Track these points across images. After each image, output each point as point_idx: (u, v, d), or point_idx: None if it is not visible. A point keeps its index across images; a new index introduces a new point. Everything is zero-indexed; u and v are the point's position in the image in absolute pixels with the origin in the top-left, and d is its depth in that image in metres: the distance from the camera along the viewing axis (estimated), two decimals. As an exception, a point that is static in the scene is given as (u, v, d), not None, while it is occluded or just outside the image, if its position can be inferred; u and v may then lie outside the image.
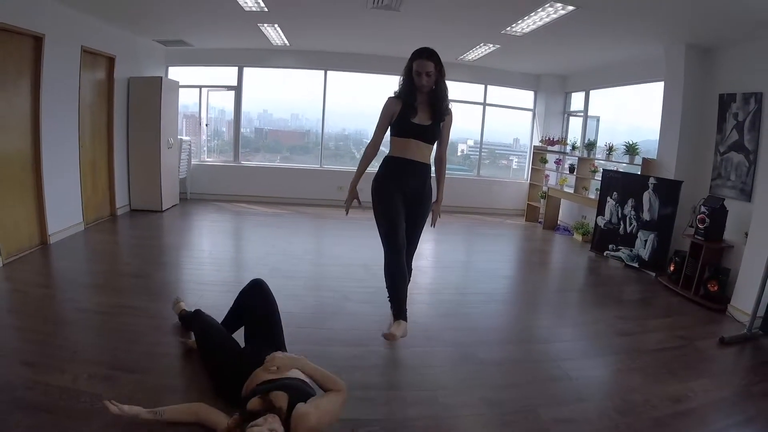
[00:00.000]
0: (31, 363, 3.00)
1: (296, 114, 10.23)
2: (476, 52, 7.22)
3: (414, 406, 2.68)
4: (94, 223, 6.57)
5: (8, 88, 4.84)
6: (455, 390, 2.89)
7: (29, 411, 2.50)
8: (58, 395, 2.65)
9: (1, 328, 3.61)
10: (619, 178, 6.11)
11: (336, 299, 4.18)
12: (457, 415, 2.63)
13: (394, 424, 2.53)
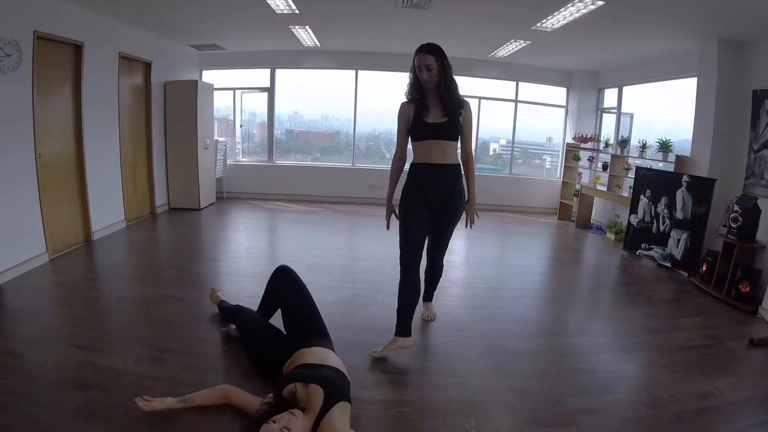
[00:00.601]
0: (82, 347, 3.21)
1: (326, 115, 10.37)
2: (507, 49, 7.22)
3: (444, 391, 2.80)
4: (135, 221, 6.84)
5: (52, 94, 5.09)
6: (484, 378, 2.98)
7: (81, 389, 2.68)
8: (108, 375, 2.85)
9: (52, 316, 3.85)
10: (652, 176, 6.04)
11: (369, 291, 4.31)
12: (486, 400, 2.73)
13: (424, 405, 2.65)
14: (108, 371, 2.88)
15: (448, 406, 2.65)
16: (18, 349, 3.17)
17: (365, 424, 2.32)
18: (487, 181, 8.92)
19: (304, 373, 2.43)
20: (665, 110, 7.34)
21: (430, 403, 2.67)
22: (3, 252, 4.35)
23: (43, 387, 2.71)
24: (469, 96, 8.57)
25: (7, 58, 4.24)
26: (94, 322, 3.73)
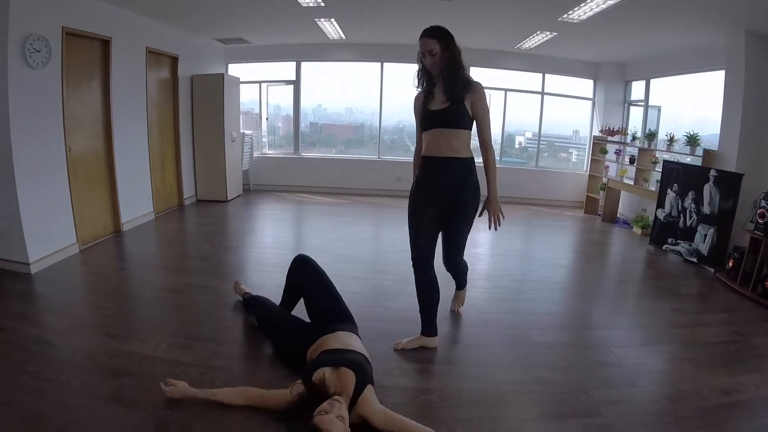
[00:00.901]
0: (113, 335, 3.33)
1: (350, 108, 10.39)
2: (533, 41, 7.18)
3: (470, 380, 2.86)
4: (163, 213, 6.99)
5: (82, 89, 5.22)
6: (510, 368, 3.03)
7: (112, 376, 2.80)
8: (139, 362, 2.96)
9: (84, 305, 3.99)
10: (680, 170, 5.98)
11: (396, 282, 4.37)
12: (511, 391, 2.78)
13: (451, 393, 2.72)
14: (139, 358, 2.99)
15: (474, 395, 2.71)
16: (51, 337, 3.29)
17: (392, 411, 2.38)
18: (513, 174, 8.96)
19: (331, 358, 2.48)
20: (693, 104, 7.25)
21: (455, 392, 2.73)
22: (35, 243, 4.49)
23: (75, 374, 2.81)
24: (494, 88, 8.64)
25: (37, 54, 4.35)
26: (124, 310, 3.85)
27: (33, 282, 4.27)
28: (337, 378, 2.31)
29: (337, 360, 2.43)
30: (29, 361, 2.94)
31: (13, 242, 4.41)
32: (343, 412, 2.13)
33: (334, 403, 2.15)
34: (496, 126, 9.15)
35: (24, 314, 3.65)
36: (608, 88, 8.58)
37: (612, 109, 8.60)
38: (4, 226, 4.39)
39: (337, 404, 2.15)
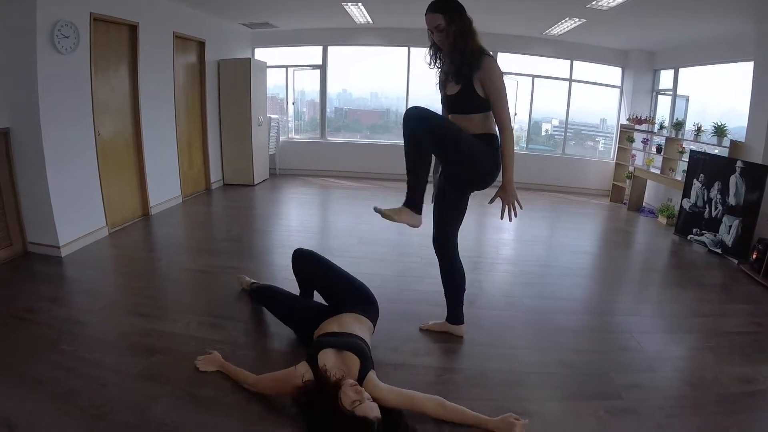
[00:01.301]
0: (145, 314, 3.44)
1: (375, 93, 10.41)
2: (561, 27, 7.13)
3: (494, 361, 2.95)
4: (191, 197, 7.12)
5: (110, 74, 5.29)
6: (533, 350, 3.11)
7: (145, 354, 2.90)
8: (171, 340, 3.06)
9: (115, 286, 4.12)
10: (706, 160, 5.95)
11: (421, 265, 4.46)
12: (535, 372, 2.86)
13: (475, 373, 2.81)
14: (170, 337, 3.10)
15: (498, 375, 2.80)
16: (84, 317, 3.41)
17: (418, 389, 2.45)
18: (539, 160, 8.98)
19: (333, 340, 2.51)
20: (721, 94, 7.17)
21: (480, 372, 2.82)
22: (65, 226, 4.59)
23: (108, 352, 2.91)
24: (521, 74, 8.62)
25: (65, 40, 4.40)
26: (155, 291, 3.97)
27: (63, 265, 4.39)
28: (341, 361, 2.36)
29: (339, 343, 2.47)
30: (62, 340, 3.04)
31: (43, 226, 4.51)
32: (367, 394, 2.19)
33: (358, 389, 2.18)
34: (523, 113, 9.13)
35: (55, 296, 3.75)
36: (636, 77, 8.49)
37: (640, 98, 8.52)
38: (35, 210, 4.50)
39: (359, 388, 2.20)
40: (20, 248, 4.55)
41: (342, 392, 2.14)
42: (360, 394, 2.14)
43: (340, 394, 2.13)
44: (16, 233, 4.50)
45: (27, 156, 4.36)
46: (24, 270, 4.27)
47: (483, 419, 2.29)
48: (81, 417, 2.33)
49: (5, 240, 4.41)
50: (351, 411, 2.06)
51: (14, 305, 3.54)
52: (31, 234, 4.58)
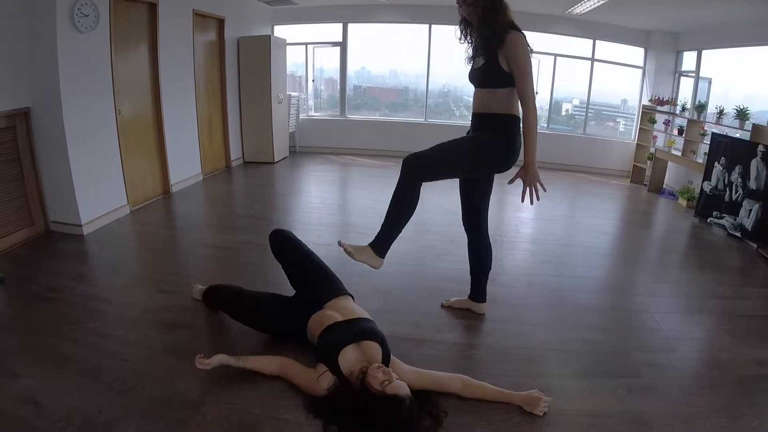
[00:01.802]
0: (168, 291, 3.50)
1: (395, 71, 10.35)
2: (585, 5, 7.04)
3: (514, 338, 3.02)
4: (211, 175, 7.19)
5: (130, 52, 5.28)
6: (554, 328, 3.18)
7: (169, 330, 2.98)
8: (194, 316, 3.13)
9: (138, 263, 4.20)
10: (728, 143, 5.90)
11: (443, 243, 4.53)
12: (555, 349, 2.93)
13: (496, 349, 2.89)
14: (194, 312, 3.17)
15: (518, 352, 2.87)
16: (107, 294, 3.47)
17: (441, 364, 2.55)
18: (560, 140, 8.97)
19: (347, 335, 2.41)
20: (745, 77, 7.07)
21: (501, 349, 2.89)
22: (87, 204, 4.63)
23: (132, 328, 2.97)
24: (543, 53, 8.55)
25: (85, 18, 4.39)
26: (178, 267, 4.04)
27: (85, 243, 4.45)
28: (362, 353, 2.33)
29: (354, 335, 2.40)
30: (87, 318, 3.10)
31: (65, 205, 4.55)
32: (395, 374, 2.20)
33: (385, 369, 2.19)
34: (544, 92, 9.08)
35: (78, 274, 3.81)
36: (659, 57, 8.38)
37: (662, 79, 8.42)
38: (56, 189, 4.52)
39: (386, 369, 2.21)
40: (42, 227, 4.58)
41: (369, 376, 2.16)
42: (388, 374, 2.16)
43: (368, 379, 2.16)
44: (38, 212, 4.54)
45: (48, 135, 4.38)
46: (46, 249, 4.32)
47: (509, 395, 2.36)
48: (107, 392, 2.39)
49: (27, 219, 4.44)
50: (381, 391, 2.10)
51: (38, 284, 3.59)
52: (53, 213, 4.62)
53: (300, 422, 2.19)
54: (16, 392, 2.40)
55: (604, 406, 2.41)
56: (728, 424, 2.32)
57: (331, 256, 3.29)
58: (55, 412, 2.25)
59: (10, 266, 3.82)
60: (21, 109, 4.23)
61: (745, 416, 2.38)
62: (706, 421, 2.32)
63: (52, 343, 2.82)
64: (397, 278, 3.56)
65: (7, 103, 4.11)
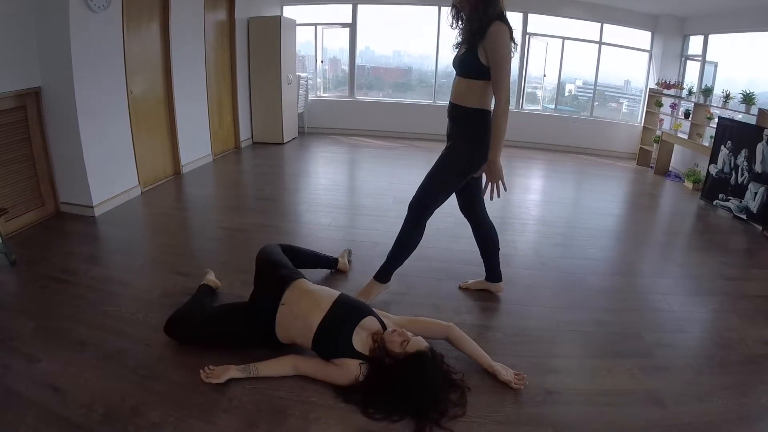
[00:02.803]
0: (186, 273, 3.48)
1: (398, 51, 10.37)
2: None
3: (530, 319, 3.12)
4: (221, 155, 7.23)
5: (141, 31, 5.26)
6: (568, 309, 3.27)
7: None
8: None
9: (153, 245, 4.21)
10: (734, 127, 5.96)
11: (458, 225, 4.56)
12: (570, 330, 3.04)
13: (513, 330, 2.99)
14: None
15: (535, 333, 2.97)
16: (124, 277, 3.46)
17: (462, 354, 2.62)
18: (567, 122, 9.06)
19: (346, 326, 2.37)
20: (751, 62, 7.11)
21: (518, 330, 2.98)
22: (98, 185, 4.63)
23: (153, 311, 2.94)
24: (551, 36, 8.56)
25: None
26: (194, 250, 4.06)
27: (97, 224, 4.44)
28: (365, 330, 2.39)
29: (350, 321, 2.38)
30: (104, 301, 3.10)
31: (76, 185, 4.55)
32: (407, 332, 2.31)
33: (399, 331, 2.28)
34: (552, 74, 9.12)
35: (93, 256, 3.81)
36: (666, 41, 8.40)
37: (668, 63, 8.45)
38: (68, 169, 4.51)
39: (399, 330, 2.30)
40: (52, 208, 4.58)
41: (387, 344, 2.25)
42: (403, 334, 2.26)
43: (387, 346, 2.24)
44: (48, 193, 4.52)
45: (59, 115, 4.36)
46: (57, 230, 4.31)
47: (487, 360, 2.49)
48: (130, 378, 2.39)
49: (37, 200, 4.43)
50: (404, 352, 2.20)
51: (51, 266, 3.58)
52: (63, 194, 4.62)
53: (328, 405, 2.25)
54: (34, 377, 2.40)
55: (620, 385, 2.52)
56: (738, 400, 2.43)
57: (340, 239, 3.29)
58: (77, 398, 2.26)
59: (21, 248, 3.81)
60: (32, 88, 4.21)
61: (755, 393, 2.50)
62: (718, 398, 2.43)
63: (69, 327, 2.82)
64: (415, 261, 3.61)
65: (17, 83, 4.07)
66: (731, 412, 2.35)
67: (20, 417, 2.13)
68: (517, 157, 8.21)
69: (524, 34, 8.76)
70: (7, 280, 3.44)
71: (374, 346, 2.30)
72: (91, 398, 2.25)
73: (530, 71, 9.28)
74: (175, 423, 2.12)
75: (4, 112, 4.01)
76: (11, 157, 4.13)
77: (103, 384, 2.35)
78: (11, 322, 2.88)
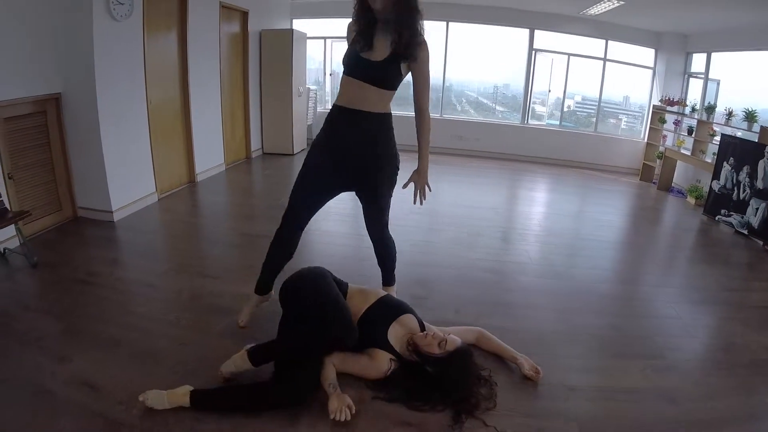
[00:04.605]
0: (213, 276, 3.58)
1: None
2: (600, 7, 7.20)
3: (548, 323, 3.30)
4: (232, 165, 7.34)
5: (160, 41, 5.41)
6: (583, 315, 3.44)
7: (221, 313, 3.05)
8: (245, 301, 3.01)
9: (174, 250, 4.31)
10: (736, 144, 6.13)
11: (471, 235, 4.78)
12: (586, 333, 3.20)
13: (534, 333, 3.15)
14: (245, 298, 3.04)
15: (554, 335, 3.14)
16: (150, 279, 3.53)
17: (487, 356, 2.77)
18: (571, 137, 9.23)
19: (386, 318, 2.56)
20: (753, 80, 7.29)
21: (538, 333, 3.15)
22: (118, 190, 4.73)
23: (184, 312, 3.03)
24: (557, 52, 8.79)
25: (121, 6, 4.48)
26: (217, 255, 4.15)
27: (116, 229, 4.53)
28: (402, 327, 2.55)
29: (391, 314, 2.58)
30: (132, 302, 3.18)
31: (95, 191, 4.63)
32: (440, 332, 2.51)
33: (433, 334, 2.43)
34: (558, 91, 9.34)
35: (116, 259, 3.88)
36: (669, 58, 8.60)
37: (672, 80, 8.64)
38: (87, 174, 4.59)
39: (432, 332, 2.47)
40: (70, 213, 4.66)
41: (424, 347, 2.40)
42: (437, 336, 2.42)
43: (423, 350, 2.39)
44: (66, 197, 4.60)
45: (80, 121, 4.45)
46: (76, 234, 4.39)
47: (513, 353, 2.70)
48: (169, 376, 2.43)
49: (55, 204, 4.50)
50: (445, 352, 2.39)
51: (75, 269, 3.64)
52: (82, 199, 4.70)
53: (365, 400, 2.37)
54: (68, 376, 2.44)
55: (635, 383, 2.69)
56: (745, 400, 2.61)
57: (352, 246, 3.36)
58: (114, 394, 2.31)
59: (41, 251, 3.85)
60: (52, 94, 4.30)
61: (759, 393, 2.68)
62: (726, 397, 2.61)
63: (99, 328, 2.88)
64: (433, 268, 3.77)
65: (37, 89, 4.16)
66: (739, 410, 2.53)
67: (56, 415, 2.20)
68: (523, 171, 8.42)
69: (530, 49, 8.99)
70: (31, 282, 3.51)
71: (405, 347, 2.47)
72: (129, 395, 2.30)
73: (535, 87, 9.46)
74: (217, 418, 2.21)
75: (25, 117, 4.11)
76: (30, 161, 4.21)
77: (140, 381, 2.38)
78: (39, 323, 2.93)
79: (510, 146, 9.30)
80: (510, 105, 9.93)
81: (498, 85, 10.24)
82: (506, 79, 9.92)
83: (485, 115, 10.20)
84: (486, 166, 8.38)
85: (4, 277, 3.55)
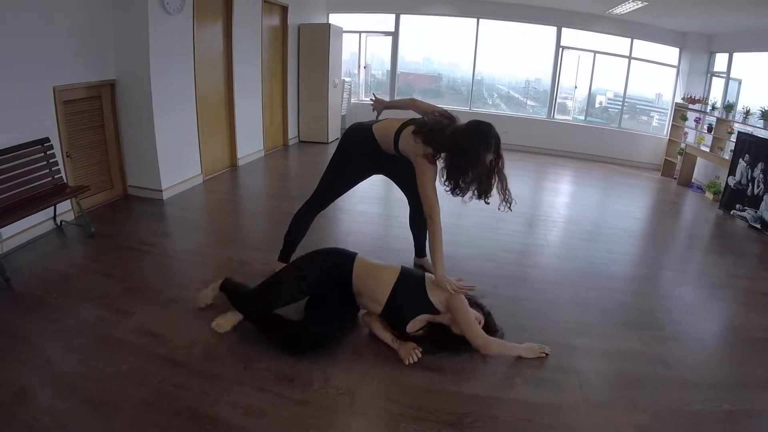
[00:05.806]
0: (260, 248, 3.90)
1: (428, 58, 10.81)
2: (625, 7, 7.39)
3: (560, 294, 3.68)
4: (271, 151, 7.80)
5: (208, 33, 5.78)
6: (593, 290, 3.78)
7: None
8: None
9: (222, 225, 4.66)
10: (752, 142, 6.31)
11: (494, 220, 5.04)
12: (594, 305, 3.55)
13: (546, 303, 3.51)
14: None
15: (564, 306, 3.50)
16: (200, 249, 3.90)
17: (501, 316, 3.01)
18: (596, 133, 9.48)
19: (418, 280, 2.85)
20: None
21: (550, 303, 3.51)
22: (168, 171, 5.10)
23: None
24: (583, 49, 9.07)
25: (173, 1, 4.83)
26: (263, 229, 4.49)
27: (165, 206, 4.89)
28: (435, 287, 2.80)
29: (422, 273, 2.94)
30: (186, 268, 3.50)
31: (146, 171, 5.01)
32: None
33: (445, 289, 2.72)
34: (583, 86, 9.61)
35: (167, 232, 4.22)
36: (693, 58, 8.77)
37: (695, 78, 8.82)
38: (139, 155, 4.98)
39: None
40: (120, 191, 5.04)
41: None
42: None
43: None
44: (117, 176, 4.98)
45: (134, 106, 4.81)
46: (128, 210, 4.75)
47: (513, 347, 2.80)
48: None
49: (107, 182, 4.87)
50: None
51: (129, 239, 3.98)
52: (132, 178, 5.09)
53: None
54: (132, 326, 2.72)
55: (634, 348, 3.04)
56: (736, 369, 2.90)
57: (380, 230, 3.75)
58: (175, 341, 2.58)
59: (96, 223, 4.15)
60: (107, 80, 4.68)
61: (751, 365, 2.95)
62: (718, 366, 2.93)
63: (157, 288, 3.17)
64: (458, 248, 4.11)
65: (93, 75, 4.53)
66: (729, 378, 2.81)
67: (121, 358, 2.48)
68: (548, 164, 8.73)
69: (557, 46, 9.26)
70: (89, 250, 3.84)
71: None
72: (188, 341, 2.58)
73: (562, 83, 9.72)
74: (267, 357, 2.53)
75: (81, 101, 4.47)
76: (86, 142, 4.58)
77: (198, 330, 2.68)
78: (100, 284, 3.24)
79: (536, 140, 9.59)
80: (541, 100, 10.16)
81: (530, 80, 10.47)
82: (537, 73, 10.14)
83: (516, 110, 10.46)
84: (513, 158, 8.42)
85: (64, 246, 3.94)
